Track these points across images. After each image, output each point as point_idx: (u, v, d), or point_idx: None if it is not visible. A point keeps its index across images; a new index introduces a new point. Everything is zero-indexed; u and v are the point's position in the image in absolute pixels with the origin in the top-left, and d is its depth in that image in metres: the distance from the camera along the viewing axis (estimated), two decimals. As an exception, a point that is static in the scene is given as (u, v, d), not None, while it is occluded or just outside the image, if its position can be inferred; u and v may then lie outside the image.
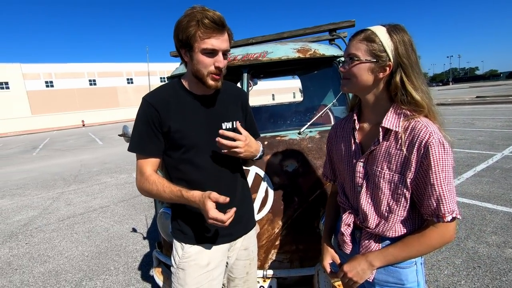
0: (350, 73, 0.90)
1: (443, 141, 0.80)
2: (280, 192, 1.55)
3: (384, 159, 0.89)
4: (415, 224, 0.91)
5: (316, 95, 2.63)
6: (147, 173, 1.07)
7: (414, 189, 0.86)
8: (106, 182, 6.24)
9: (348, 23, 1.96)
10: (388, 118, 0.88)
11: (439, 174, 0.79)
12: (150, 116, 1.04)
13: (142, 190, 1.09)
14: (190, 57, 1.01)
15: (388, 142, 0.89)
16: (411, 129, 0.84)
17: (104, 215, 4.29)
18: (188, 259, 1.13)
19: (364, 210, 0.95)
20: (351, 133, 1.02)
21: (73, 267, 2.90)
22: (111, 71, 44.17)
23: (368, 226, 0.95)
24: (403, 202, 0.88)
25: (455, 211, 0.80)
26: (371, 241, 0.95)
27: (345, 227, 1.03)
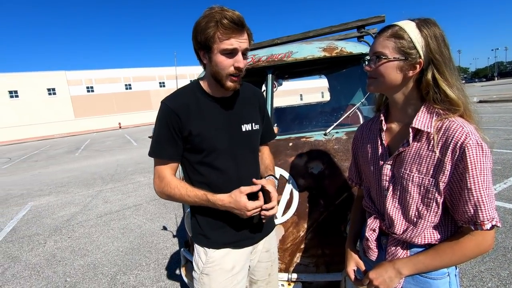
0: (376, 72, 0.86)
1: (481, 143, 0.73)
2: (305, 194, 1.52)
3: (413, 162, 0.84)
4: (447, 231, 0.84)
5: (343, 95, 2.55)
6: (168, 177, 1.08)
7: (447, 194, 0.80)
8: (140, 181, 6.55)
9: (378, 19, 1.87)
10: (419, 118, 0.82)
11: (477, 178, 0.72)
12: (170, 121, 1.03)
13: (162, 194, 1.10)
14: (209, 59, 1.00)
15: (418, 143, 0.83)
16: (445, 130, 0.78)
17: (138, 213, 4.50)
18: (212, 263, 1.12)
19: (390, 215, 0.90)
20: (378, 134, 0.97)
21: (109, 261, 3.07)
22: (145, 75, 46.44)
23: (394, 231, 0.89)
24: (434, 208, 0.81)
25: (495, 219, 0.74)
26: (398, 247, 0.90)
27: (370, 232, 0.98)
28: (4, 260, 3.34)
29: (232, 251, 1.14)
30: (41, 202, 5.69)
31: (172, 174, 1.10)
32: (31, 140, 31.24)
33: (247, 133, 1.13)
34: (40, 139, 31.30)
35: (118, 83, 44.55)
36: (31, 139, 32.79)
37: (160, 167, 1.10)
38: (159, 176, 1.10)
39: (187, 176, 1.16)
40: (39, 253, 3.44)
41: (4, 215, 5.10)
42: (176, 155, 1.09)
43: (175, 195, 1.07)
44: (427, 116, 0.82)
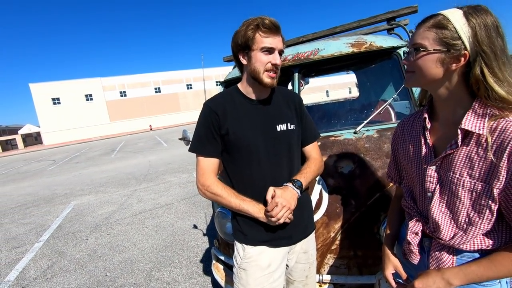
0: (414, 66, 0.79)
1: None
2: (336, 194, 1.49)
3: (464, 165, 0.77)
4: (502, 238, 0.77)
5: (373, 91, 2.45)
6: (212, 177, 1.14)
7: (503, 201, 0.73)
8: (171, 181, 6.80)
9: (410, 9, 1.77)
10: (468, 118, 0.74)
11: None
12: (211, 120, 1.11)
13: (206, 192, 1.14)
14: (248, 58, 1.09)
15: (469, 145, 0.76)
16: (500, 131, 0.70)
17: (169, 212, 4.67)
18: (249, 259, 1.16)
19: (436, 220, 0.84)
20: (421, 132, 0.90)
21: (144, 257, 3.22)
22: (173, 78, 48.09)
23: (441, 237, 0.83)
24: (488, 215, 0.74)
25: None
26: (443, 252, 0.84)
27: (412, 236, 0.92)
28: (52, 255, 3.63)
29: (268, 249, 1.17)
30: (83, 201, 6.11)
31: (215, 175, 1.16)
32: (72, 143, 33.70)
33: (282, 133, 1.17)
34: (80, 142, 33.66)
35: (148, 87, 46.56)
36: (72, 142, 35.40)
37: (202, 164, 1.15)
38: (203, 173, 1.15)
39: (225, 173, 1.21)
40: (82, 249, 3.69)
41: (51, 213, 5.54)
42: (215, 152, 1.15)
43: (221, 195, 1.11)
44: (479, 116, 0.74)
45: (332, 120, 2.05)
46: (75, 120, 41.88)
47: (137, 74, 46.58)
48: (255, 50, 1.07)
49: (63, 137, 40.65)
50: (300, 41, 2.12)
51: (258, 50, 1.06)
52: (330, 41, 1.75)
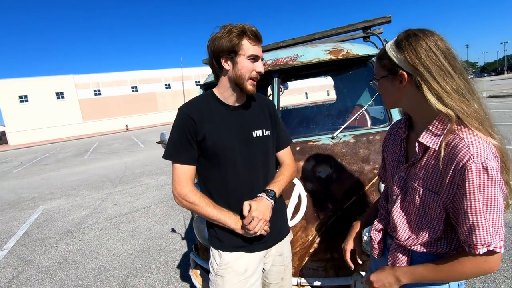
0: (380, 92, 0.93)
1: (488, 166, 0.68)
2: (314, 198, 1.52)
3: (421, 175, 0.83)
4: (451, 244, 0.84)
5: (349, 96, 2.53)
6: (189, 186, 1.11)
7: (451, 212, 0.79)
8: (148, 184, 6.62)
9: (384, 19, 1.85)
10: (428, 132, 0.81)
11: (475, 203, 0.70)
12: (186, 126, 1.09)
13: (182, 200, 1.11)
14: (233, 63, 1.08)
15: (427, 157, 0.82)
16: (452, 147, 0.75)
17: (146, 215, 4.55)
18: (226, 265, 1.16)
19: (395, 221, 0.92)
20: (399, 139, 0.99)
21: (119, 264, 3.11)
22: (151, 77, 46.91)
23: (397, 237, 0.92)
24: (436, 223, 0.81)
25: (493, 244, 0.70)
26: (398, 252, 0.93)
27: (375, 233, 1.02)
28: (18, 264, 3.42)
29: (245, 255, 1.17)
30: (52, 206, 5.80)
31: (192, 183, 1.14)
32: (41, 144, 31.86)
33: (258, 139, 1.18)
34: (50, 143, 31.90)
35: (125, 85, 45.09)
36: (41, 143, 33.46)
37: (178, 172, 1.12)
38: (179, 181, 1.11)
39: (200, 180, 1.20)
40: (51, 256, 3.51)
41: (17, 219, 5.21)
42: (191, 158, 1.13)
43: (198, 205, 1.10)
44: (438, 130, 0.79)
45: (311, 125, 2.09)
46: (45, 119, 39.68)
47: (113, 72, 45.02)
48: (242, 56, 1.07)
49: (31, 137, 38.34)
50: (280, 46, 2.14)
51: (245, 57, 1.07)
52: (308, 47, 1.78)
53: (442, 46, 0.79)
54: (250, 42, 1.07)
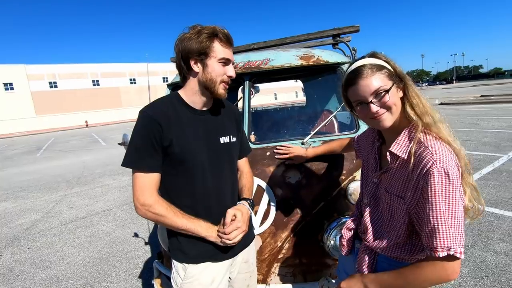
0: (389, 104, 0.83)
1: (449, 171, 0.73)
2: (283, 204, 1.51)
3: (392, 182, 0.88)
4: (414, 250, 0.88)
5: (319, 101, 2.58)
6: (155, 196, 1.02)
7: (415, 217, 0.83)
8: (109, 185, 6.24)
9: (353, 28, 1.91)
10: (398, 142, 0.86)
11: (437, 206, 0.73)
12: (151, 130, 1.00)
13: (148, 213, 1.01)
14: (203, 66, 1.03)
15: (397, 165, 0.87)
16: (418, 155, 0.80)
17: (106, 219, 4.28)
18: (191, 279, 1.10)
19: (365, 224, 0.97)
20: (374, 146, 1.03)
21: (74, 273, 2.88)
22: (114, 71, 44.35)
23: (366, 239, 0.96)
24: (402, 227, 0.86)
25: (453, 248, 0.72)
26: (365, 255, 0.97)
27: (346, 231, 1.07)
28: (-49, 277, 3.02)
29: (212, 265, 1.12)
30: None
31: (157, 192, 1.05)
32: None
33: (225, 145, 1.14)
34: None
35: (85, 78, 42.18)
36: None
37: (141, 180, 1.02)
38: (143, 191, 1.01)
39: (164, 188, 1.11)
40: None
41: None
42: (156, 166, 1.04)
43: (165, 216, 1.01)
44: (406, 141, 0.85)
45: (281, 129, 2.09)
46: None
47: (71, 64, 41.85)
48: (213, 59, 1.02)
49: (-27, 131, 34.38)
50: (251, 48, 2.12)
51: (215, 60, 1.02)
52: (280, 51, 1.78)
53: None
54: (222, 45, 1.02)
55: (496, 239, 2.75)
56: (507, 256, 2.47)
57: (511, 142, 6.36)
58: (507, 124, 8.70)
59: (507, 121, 9.26)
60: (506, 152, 5.61)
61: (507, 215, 3.20)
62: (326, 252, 1.49)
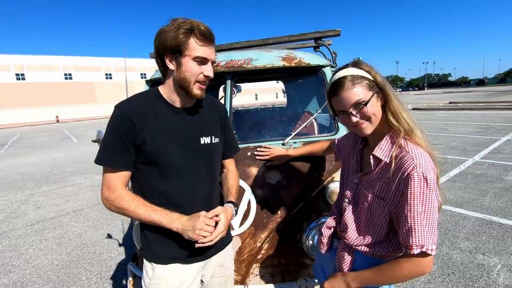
0: (368, 115, 0.87)
1: (427, 176, 0.79)
2: (263, 205, 1.51)
3: (373, 184, 0.92)
4: (391, 247, 0.93)
5: (300, 103, 2.61)
6: (120, 190, 1.00)
7: (394, 216, 0.87)
8: (81, 184, 5.95)
9: (334, 32, 1.95)
10: (381, 146, 0.90)
11: (415, 208, 0.79)
12: (123, 127, 0.97)
13: (111, 206, 1.01)
14: (177, 64, 0.98)
15: (379, 168, 0.91)
16: (400, 159, 0.84)
17: (77, 220, 4.07)
18: (158, 280, 1.07)
19: (345, 223, 1.00)
20: (356, 148, 1.06)
21: (40, 277, 2.71)
22: (89, 65, 42.42)
23: (346, 237, 1.00)
24: (381, 226, 0.90)
25: (426, 246, 0.79)
26: (345, 252, 1.00)
27: (325, 229, 1.10)
28: None
29: (181, 266, 1.09)
30: (-47, 209, 4.82)
31: (124, 186, 1.02)
32: None
33: (206, 146, 1.10)
34: (-47, 132, 26.58)
35: (56, 71, 40.01)
36: None
37: (110, 176, 1.01)
38: (109, 186, 1.00)
39: (138, 188, 1.07)
40: None
41: None
42: (127, 164, 1.01)
43: (128, 209, 0.98)
44: (389, 145, 0.88)
45: (262, 129, 2.09)
46: None
47: (42, 55, 39.49)
48: (187, 57, 0.96)
49: None
50: (234, 47, 2.10)
51: (190, 58, 0.96)
52: (263, 52, 1.78)
53: None
54: (197, 42, 0.95)
55: (462, 238, 2.92)
56: (471, 253, 2.63)
57: (476, 147, 6.79)
58: (472, 130, 9.29)
59: (472, 127, 9.89)
60: (471, 156, 5.98)
61: (472, 215, 3.41)
62: (305, 252, 1.50)
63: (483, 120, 11.32)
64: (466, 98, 24.67)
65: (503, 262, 2.47)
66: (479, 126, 10.01)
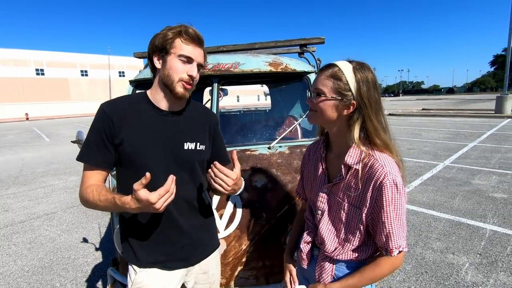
0: (316, 107, 0.93)
1: (397, 182, 0.83)
2: (248, 208, 1.52)
3: (345, 192, 0.93)
4: (368, 251, 0.97)
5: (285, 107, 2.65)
6: (88, 182, 1.00)
7: (369, 222, 0.90)
8: (53, 185, 5.67)
9: (318, 40, 2.01)
10: (350, 154, 0.90)
11: (390, 214, 0.83)
12: (103, 126, 0.98)
13: (81, 200, 1.00)
14: (163, 62, 1.00)
15: (350, 176, 0.92)
16: (369, 167, 0.86)
17: (50, 223, 3.88)
18: (140, 284, 1.06)
19: (322, 235, 1.00)
20: (319, 159, 1.06)
21: (9, 285, 2.56)
22: (63, 61, 40.54)
23: (325, 249, 1.00)
24: (358, 234, 0.93)
25: (402, 246, 0.86)
26: (325, 262, 1.01)
27: (304, 245, 1.09)
28: None
29: (162, 272, 1.08)
30: None
31: (95, 181, 1.02)
32: None
33: (188, 152, 1.08)
34: None
35: (27, 66, 37.89)
36: None
37: (87, 174, 1.02)
38: (82, 183, 1.01)
39: (120, 190, 1.06)
40: None
41: None
42: (104, 162, 1.01)
43: (88, 200, 0.96)
44: (357, 153, 0.89)
45: (248, 133, 2.10)
46: None
47: (10, 49, 37.26)
48: (172, 55, 0.98)
49: None
50: (220, 50, 2.11)
51: (175, 56, 0.98)
52: (250, 56, 1.80)
53: (376, 80, 0.90)
54: (183, 41, 0.98)
55: (434, 238, 3.08)
56: (442, 253, 2.79)
57: (446, 152, 7.18)
58: (443, 136, 9.81)
59: (443, 133, 10.45)
60: (442, 161, 6.32)
61: (442, 217, 3.60)
62: (289, 254, 1.53)
63: (452, 127, 11.99)
64: (438, 105, 26.06)
65: (470, 261, 2.63)
66: (449, 132, 10.59)
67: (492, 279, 2.37)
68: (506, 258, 2.66)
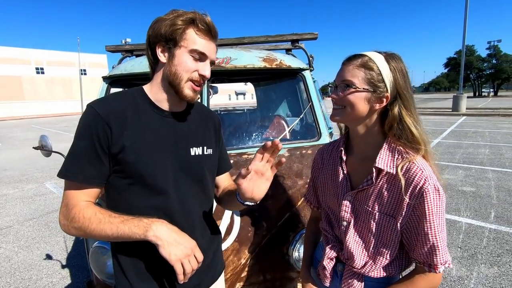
0: (344, 101, 0.81)
1: (438, 187, 0.75)
2: (247, 217, 1.39)
3: (375, 200, 0.82)
4: (401, 265, 0.87)
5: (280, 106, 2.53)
6: (81, 203, 0.78)
7: (404, 233, 0.81)
8: (7, 195, 5.07)
9: (311, 35, 1.92)
10: (381, 156, 0.80)
11: (434, 224, 0.74)
12: (97, 131, 0.78)
13: (71, 229, 0.78)
14: (170, 55, 0.83)
15: (381, 181, 0.82)
16: (405, 171, 0.77)
17: (5, 239, 3.42)
18: None
19: (350, 249, 0.88)
20: (339, 163, 0.94)
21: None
22: (15, 57, 36.98)
23: (353, 265, 0.88)
24: (393, 246, 0.82)
25: (448, 261, 0.77)
26: (354, 279, 0.90)
27: (327, 261, 0.96)
28: None
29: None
30: None
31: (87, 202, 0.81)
32: None
33: (196, 158, 0.92)
34: None
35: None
36: None
37: (71, 193, 0.80)
38: (68, 204, 0.79)
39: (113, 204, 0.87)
40: None
41: None
42: (97, 177, 0.80)
43: (89, 227, 0.76)
44: (389, 154, 0.81)
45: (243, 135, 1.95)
46: None
47: (-50, 42, 33.28)
48: (182, 49, 0.82)
49: None
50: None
51: (186, 51, 0.82)
52: (242, 51, 1.66)
53: (408, 71, 0.82)
54: (198, 34, 0.82)
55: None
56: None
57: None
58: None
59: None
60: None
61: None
62: (291, 265, 1.42)
63: (416, 124, 12.74)
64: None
65: (453, 255, 2.71)
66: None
67: (475, 272, 2.45)
68: (484, 250, 2.78)
